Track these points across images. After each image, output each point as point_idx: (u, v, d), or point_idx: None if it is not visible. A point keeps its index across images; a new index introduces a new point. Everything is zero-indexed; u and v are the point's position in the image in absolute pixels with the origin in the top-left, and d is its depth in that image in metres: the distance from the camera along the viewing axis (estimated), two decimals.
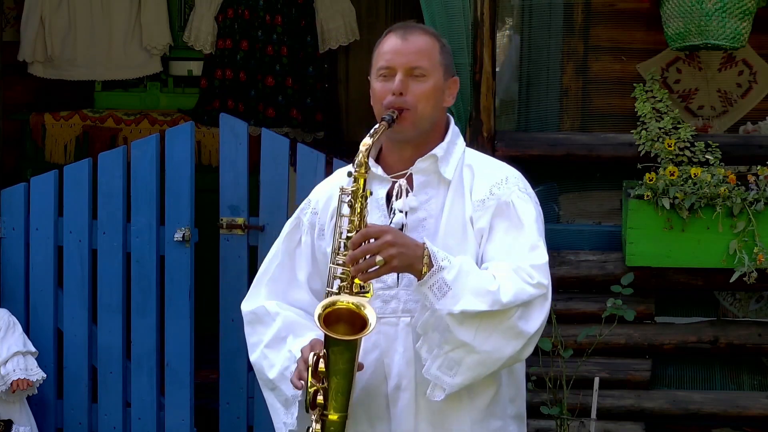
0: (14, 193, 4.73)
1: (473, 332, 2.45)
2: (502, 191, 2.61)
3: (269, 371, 2.66)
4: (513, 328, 2.47)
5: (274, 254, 2.78)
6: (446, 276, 2.44)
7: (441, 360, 2.48)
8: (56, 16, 6.52)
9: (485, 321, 2.45)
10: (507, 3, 4.83)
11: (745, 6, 4.35)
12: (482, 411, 2.61)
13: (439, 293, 2.44)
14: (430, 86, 2.62)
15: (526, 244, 2.56)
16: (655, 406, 4.60)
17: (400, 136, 2.63)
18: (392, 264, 2.44)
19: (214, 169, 5.48)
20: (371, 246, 2.44)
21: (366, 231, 2.47)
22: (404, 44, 2.62)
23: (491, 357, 2.48)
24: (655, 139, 4.51)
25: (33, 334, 4.64)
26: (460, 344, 2.45)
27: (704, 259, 4.37)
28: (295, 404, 2.60)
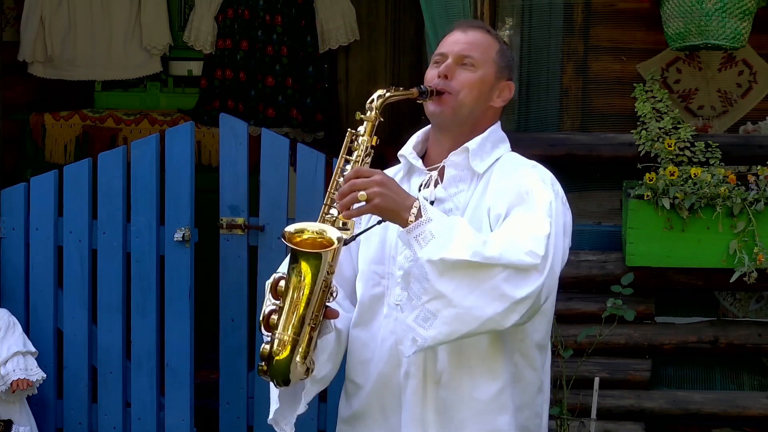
0: (14, 193, 4.73)
1: (453, 285, 2.39)
2: (525, 181, 2.59)
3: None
4: (496, 289, 2.40)
5: None
6: (432, 227, 2.41)
7: (418, 311, 2.41)
8: (56, 16, 6.53)
9: (468, 276, 2.40)
10: (507, 3, 4.83)
11: (745, 6, 4.35)
12: (483, 404, 2.58)
13: (423, 242, 2.40)
14: (476, 77, 2.63)
15: (530, 219, 2.51)
16: (655, 406, 4.60)
17: (438, 119, 2.64)
18: (374, 202, 2.41)
19: (214, 169, 5.49)
20: (358, 182, 2.43)
21: (358, 169, 2.48)
22: (462, 35, 2.66)
23: (469, 313, 2.40)
24: (655, 139, 4.51)
25: (33, 334, 4.64)
26: (437, 295, 2.39)
27: (704, 259, 4.37)
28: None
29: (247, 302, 4.65)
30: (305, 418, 4.61)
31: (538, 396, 2.69)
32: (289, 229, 2.47)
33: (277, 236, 4.59)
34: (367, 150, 2.54)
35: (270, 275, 2.79)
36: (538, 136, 4.69)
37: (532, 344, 2.65)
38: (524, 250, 2.42)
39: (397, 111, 6.99)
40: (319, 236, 2.46)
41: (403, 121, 7.09)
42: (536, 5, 4.76)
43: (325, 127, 6.79)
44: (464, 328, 2.42)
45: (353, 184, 2.43)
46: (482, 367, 2.58)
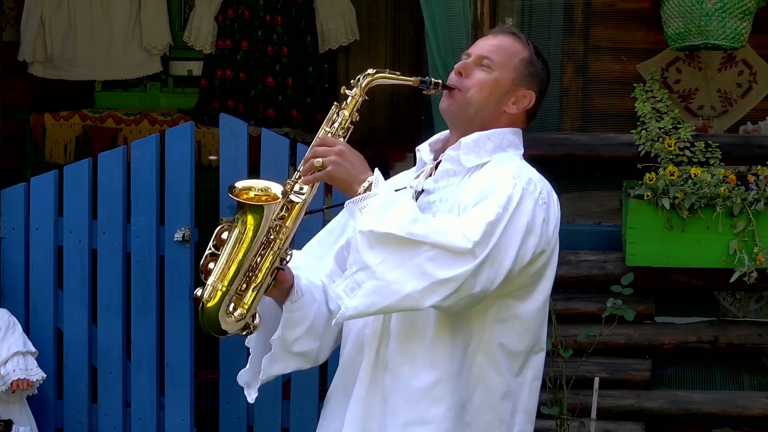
0: (14, 193, 4.73)
1: (380, 258, 2.38)
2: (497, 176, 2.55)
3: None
4: (419, 266, 2.38)
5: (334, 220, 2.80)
6: (375, 201, 2.42)
7: (348, 281, 2.42)
8: (56, 16, 6.53)
9: (396, 251, 2.38)
10: (507, 3, 4.83)
11: (745, 6, 4.35)
12: (417, 392, 2.54)
13: (360, 214, 2.42)
14: (490, 78, 2.63)
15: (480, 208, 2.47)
16: (655, 406, 4.60)
17: (446, 114, 2.66)
18: (328, 170, 2.46)
19: (214, 169, 5.48)
20: (320, 150, 2.48)
21: (324, 138, 2.52)
22: (492, 38, 2.69)
23: (389, 287, 2.38)
24: (655, 139, 4.51)
25: (33, 334, 4.64)
26: (364, 266, 2.40)
27: (704, 259, 4.37)
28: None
29: None
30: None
31: (504, 402, 2.60)
32: (238, 185, 2.52)
33: None
34: (343, 123, 2.56)
35: None
36: (538, 136, 4.68)
37: (499, 348, 2.57)
38: (457, 233, 2.40)
39: (397, 111, 7.00)
40: (264, 193, 2.52)
41: (402, 121, 7.10)
42: (536, 5, 4.76)
43: None
44: (383, 301, 2.41)
45: (315, 151, 2.48)
46: (423, 356, 2.55)
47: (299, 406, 4.63)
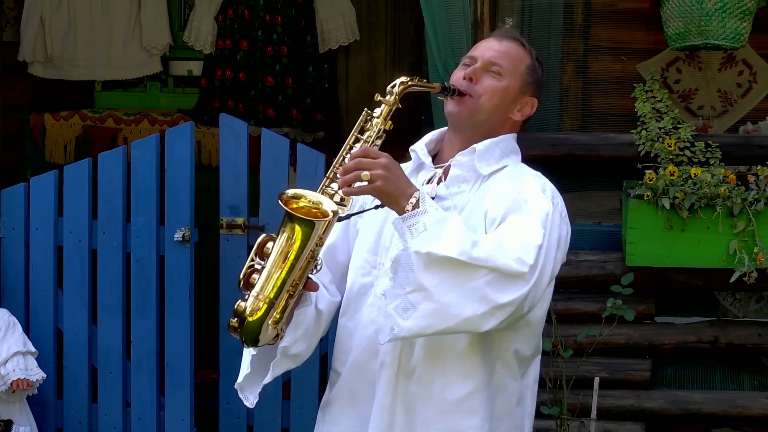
0: (14, 193, 4.73)
1: (437, 280, 2.38)
2: (524, 188, 2.58)
3: None
4: (478, 290, 2.39)
5: None
6: (426, 219, 2.40)
7: (400, 300, 2.40)
8: (56, 16, 6.52)
9: (452, 273, 2.38)
10: (507, 3, 4.83)
11: (745, 6, 4.35)
12: (451, 404, 2.56)
13: (415, 233, 2.40)
14: (501, 86, 2.65)
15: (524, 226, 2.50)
16: (655, 406, 4.60)
17: (455, 119, 2.65)
18: (376, 184, 2.41)
19: (214, 169, 5.48)
20: (364, 161, 2.43)
21: (367, 149, 2.48)
22: (496, 43, 2.68)
23: (447, 311, 2.39)
24: (655, 139, 4.51)
25: (33, 334, 4.64)
26: (419, 287, 2.38)
27: (704, 259, 4.37)
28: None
29: None
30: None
31: (518, 408, 2.65)
32: (288, 192, 2.47)
33: None
34: (379, 132, 2.54)
35: None
36: (538, 136, 4.68)
37: (514, 354, 2.62)
38: (513, 257, 2.41)
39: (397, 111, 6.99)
40: (314, 206, 2.46)
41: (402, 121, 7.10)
42: (536, 5, 4.76)
43: (325, 127, 6.79)
44: (441, 324, 2.41)
45: (359, 162, 2.43)
46: (456, 368, 2.56)
47: (299, 406, 4.63)
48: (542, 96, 2.80)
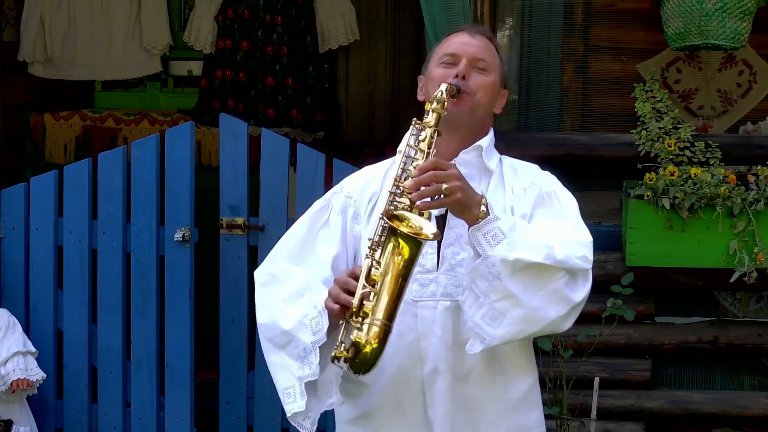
0: (14, 193, 4.73)
1: (522, 285, 2.43)
2: (543, 182, 2.66)
3: (284, 322, 2.56)
4: (559, 292, 2.46)
5: (297, 228, 2.73)
6: (501, 225, 2.44)
7: (486, 309, 2.44)
8: (56, 16, 6.53)
9: (534, 277, 2.44)
10: (507, 3, 4.83)
11: (745, 6, 4.35)
12: (515, 401, 2.62)
13: (493, 241, 2.42)
14: (490, 81, 2.67)
15: (569, 225, 2.58)
16: (655, 406, 4.60)
17: (454, 117, 2.62)
18: (455, 196, 2.41)
19: (214, 169, 5.49)
20: (440, 173, 2.42)
21: (437, 161, 2.46)
22: (472, 39, 2.68)
23: (535, 315, 2.45)
24: (655, 139, 4.51)
25: (33, 334, 4.64)
26: (507, 294, 2.43)
27: (704, 259, 4.37)
28: (315, 350, 2.51)
29: (247, 302, 4.65)
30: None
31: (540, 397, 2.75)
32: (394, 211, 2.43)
33: (277, 236, 4.58)
34: (433, 141, 2.52)
35: None
36: (538, 136, 4.68)
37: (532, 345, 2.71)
38: (579, 255, 2.50)
39: (397, 111, 6.99)
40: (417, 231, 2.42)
41: (402, 121, 7.09)
42: (536, 5, 4.76)
43: (325, 127, 6.79)
44: (530, 328, 2.47)
45: (435, 175, 2.42)
46: (514, 365, 2.62)
47: None
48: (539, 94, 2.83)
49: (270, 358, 2.63)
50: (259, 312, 2.65)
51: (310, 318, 2.53)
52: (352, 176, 2.80)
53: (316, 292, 2.57)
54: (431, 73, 2.69)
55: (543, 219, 2.58)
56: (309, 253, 2.68)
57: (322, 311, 2.51)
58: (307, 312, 2.54)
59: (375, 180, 2.70)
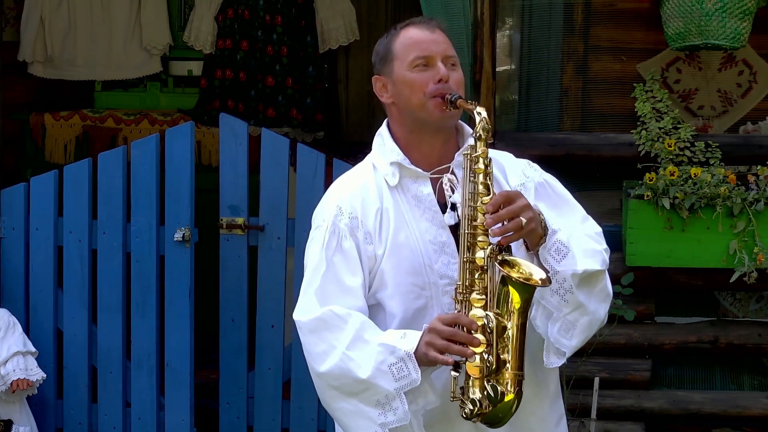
0: (14, 193, 4.73)
1: (584, 293, 2.50)
2: (532, 173, 2.68)
3: (358, 371, 2.49)
4: (604, 290, 2.54)
5: (316, 264, 2.61)
6: (561, 237, 2.49)
7: (560, 323, 2.50)
8: (56, 16, 6.52)
9: (591, 283, 2.51)
10: (507, 3, 4.83)
11: (745, 6, 4.35)
12: (554, 393, 2.68)
13: (558, 255, 2.47)
14: (461, 76, 2.65)
15: (576, 216, 2.63)
16: (655, 406, 4.60)
17: (445, 122, 2.60)
18: (531, 226, 2.43)
19: (214, 169, 5.48)
20: (513, 207, 2.42)
21: (507, 194, 2.46)
22: (433, 35, 2.64)
23: (594, 317, 2.53)
24: (655, 139, 4.51)
25: (33, 334, 4.64)
26: (577, 305, 2.49)
27: (704, 259, 4.37)
28: (401, 397, 2.47)
29: (247, 302, 4.65)
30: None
31: None
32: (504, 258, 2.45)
33: (277, 236, 4.60)
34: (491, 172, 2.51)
35: (270, 275, 2.77)
36: (538, 136, 4.68)
37: None
38: (602, 248, 2.58)
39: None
40: (527, 277, 2.43)
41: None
42: (536, 5, 4.76)
43: (325, 127, 6.78)
44: (591, 332, 2.56)
45: (511, 210, 2.42)
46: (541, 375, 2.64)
47: (299, 407, 4.63)
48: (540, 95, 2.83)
49: (338, 405, 2.58)
50: (317, 361, 2.59)
51: (388, 365, 2.47)
52: (340, 192, 2.67)
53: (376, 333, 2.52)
54: (404, 77, 2.60)
55: (547, 211, 2.58)
56: (336, 287, 2.60)
57: (407, 357, 2.45)
58: (383, 358, 2.47)
59: (370, 194, 2.62)
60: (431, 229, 2.57)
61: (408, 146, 2.64)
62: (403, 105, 2.63)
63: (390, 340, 2.49)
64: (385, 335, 2.51)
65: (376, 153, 2.67)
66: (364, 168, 2.69)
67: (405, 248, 2.58)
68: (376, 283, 2.59)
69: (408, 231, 2.57)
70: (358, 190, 2.64)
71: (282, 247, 4.57)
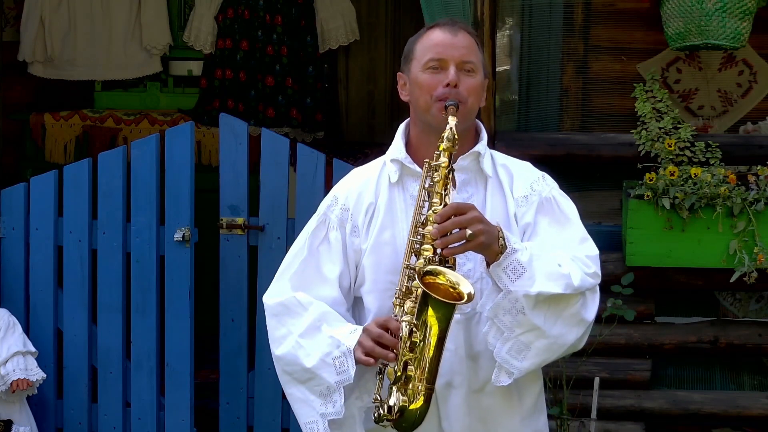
0: (14, 193, 4.73)
1: (544, 316, 2.47)
2: (542, 187, 2.67)
3: (306, 360, 2.57)
4: (576, 315, 2.51)
5: (298, 250, 2.71)
6: (520, 258, 2.46)
7: (511, 343, 2.48)
8: (56, 16, 6.53)
9: (553, 306, 2.48)
10: (507, 3, 4.83)
11: (745, 6, 4.35)
12: (530, 408, 2.64)
13: (514, 275, 2.45)
14: (479, 82, 2.63)
15: (575, 236, 2.62)
16: (655, 406, 4.60)
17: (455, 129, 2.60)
18: (479, 240, 2.42)
19: (214, 169, 5.48)
20: (461, 219, 2.42)
21: (457, 205, 2.46)
22: (454, 39, 2.62)
23: (557, 342, 2.50)
24: (655, 139, 4.51)
25: (33, 334, 4.64)
26: (531, 327, 2.47)
27: (704, 259, 4.37)
28: (340, 390, 2.53)
29: (247, 302, 4.65)
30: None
31: None
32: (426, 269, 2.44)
33: (277, 236, 4.60)
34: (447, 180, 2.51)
35: (270, 275, 2.78)
36: (538, 136, 4.68)
37: None
38: (589, 273, 2.56)
39: (397, 111, 6.99)
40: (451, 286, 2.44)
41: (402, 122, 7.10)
42: (536, 5, 4.76)
43: (325, 127, 6.79)
44: (552, 356, 2.53)
45: (457, 221, 2.42)
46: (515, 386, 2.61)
47: None
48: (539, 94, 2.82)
49: (289, 391, 2.65)
50: (274, 344, 2.66)
51: (332, 357, 2.53)
52: (343, 184, 2.75)
53: (332, 324, 2.57)
54: (417, 78, 2.63)
55: (544, 227, 2.60)
56: (314, 274, 2.67)
57: (348, 353, 2.51)
58: (330, 350, 2.54)
59: (368, 189, 2.67)
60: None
61: (418, 145, 2.68)
62: (414, 105, 2.67)
63: (339, 333, 2.54)
64: (338, 328, 2.56)
65: (390, 149, 2.73)
66: (377, 163, 2.75)
67: (388, 246, 2.62)
68: (360, 278, 2.65)
69: (396, 230, 2.60)
70: (360, 183, 2.70)
71: (282, 247, 4.57)
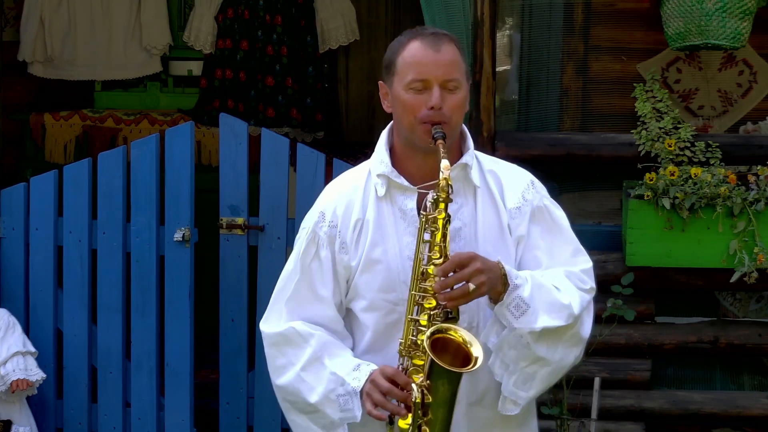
0: (14, 193, 4.73)
1: (546, 346, 2.52)
2: (533, 196, 2.65)
3: (309, 395, 2.58)
4: (575, 336, 2.56)
5: (291, 271, 2.68)
6: (522, 294, 2.48)
7: (517, 375, 2.53)
8: (56, 16, 6.53)
9: (556, 334, 2.52)
10: (507, 3, 4.83)
11: (746, 6, 4.35)
12: (522, 415, 2.64)
13: (517, 312, 2.47)
14: (462, 97, 2.59)
15: (568, 248, 2.63)
16: (655, 406, 4.60)
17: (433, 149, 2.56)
18: (482, 290, 2.44)
19: (214, 169, 5.48)
20: (463, 273, 2.43)
21: (458, 260, 2.45)
22: (437, 55, 2.57)
23: (559, 366, 2.55)
24: (655, 139, 4.51)
25: (33, 334, 4.64)
26: (536, 359, 2.51)
27: (704, 259, 4.37)
28: (343, 427, 2.56)
29: (247, 302, 4.65)
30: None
31: None
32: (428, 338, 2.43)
33: (277, 236, 4.60)
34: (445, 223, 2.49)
35: (270, 275, 2.78)
36: (538, 136, 4.68)
37: None
38: (585, 289, 2.59)
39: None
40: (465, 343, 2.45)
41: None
42: (536, 5, 4.76)
43: (325, 127, 6.79)
44: (555, 379, 2.59)
45: (460, 276, 2.43)
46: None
47: None
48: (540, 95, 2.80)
49: (291, 417, 2.68)
50: (275, 373, 2.67)
51: (336, 394, 2.55)
52: (327, 197, 2.71)
53: (333, 356, 2.58)
54: (400, 96, 2.59)
55: (537, 238, 2.61)
56: (308, 295, 2.65)
57: (353, 394, 2.52)
58: (333, 387, 2.55)
59: (355, 203, 2.64)
60: (412, 244, 2.56)
61: (402, 157, 2.65)
62: (397, 122, 2.65)
63: (342, 370, 2.55)
64: (340, 363, 2.57)
65: (373, 158, 2.69)
66: (361, 170, 2.70)
67: (379, 264, 2.60)
68: (351, 293, 2.64)
69: (387, 245, 2.59)
70: (345, 196, 2.67)
71: (282, 247, 4.57)
